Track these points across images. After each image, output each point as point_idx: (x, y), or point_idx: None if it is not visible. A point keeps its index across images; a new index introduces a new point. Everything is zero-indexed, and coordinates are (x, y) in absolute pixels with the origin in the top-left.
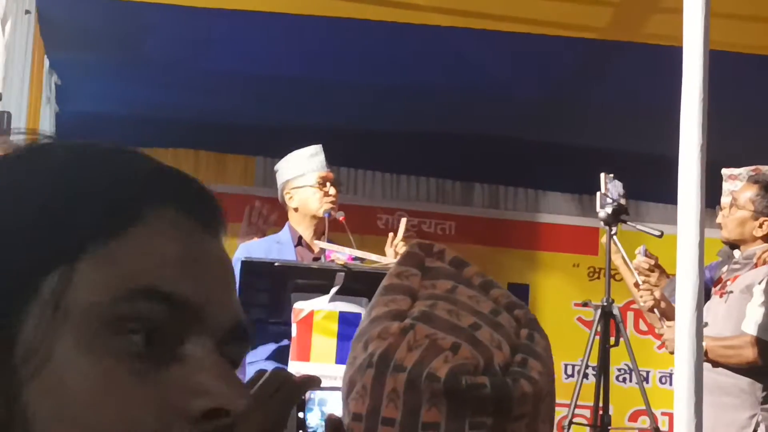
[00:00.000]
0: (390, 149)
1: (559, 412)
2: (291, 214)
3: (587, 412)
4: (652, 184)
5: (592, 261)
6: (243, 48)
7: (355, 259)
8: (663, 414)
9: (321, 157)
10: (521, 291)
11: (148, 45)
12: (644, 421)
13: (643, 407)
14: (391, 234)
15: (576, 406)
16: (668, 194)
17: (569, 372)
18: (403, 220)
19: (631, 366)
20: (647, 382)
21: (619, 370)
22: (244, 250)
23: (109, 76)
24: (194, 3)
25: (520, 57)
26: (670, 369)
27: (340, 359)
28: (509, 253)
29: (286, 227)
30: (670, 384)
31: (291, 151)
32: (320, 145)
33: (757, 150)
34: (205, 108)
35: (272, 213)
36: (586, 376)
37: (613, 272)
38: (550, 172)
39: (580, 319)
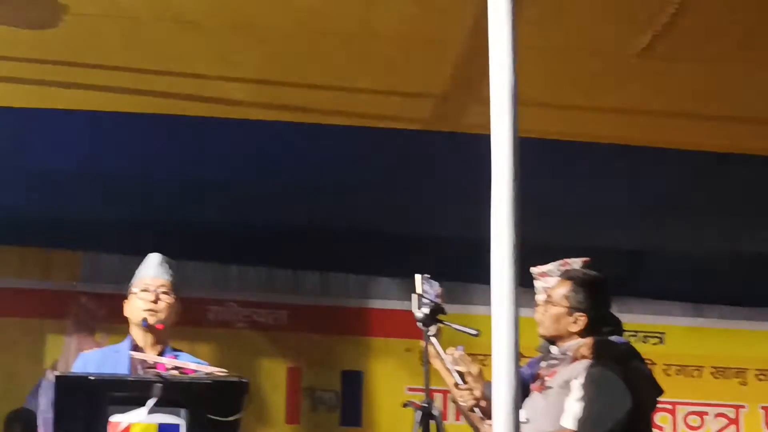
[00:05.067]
0: (217, 240)
1: None
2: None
3: None
4: (479, 267)
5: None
6: (64, 145)
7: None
8: None
9: (148, 264)
10: (355, 378)
11: None
12: None
13: None
14: None
15: None
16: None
17: None
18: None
19: None
20: None
21: None
22: (81, 361)
23: None
24: (8, 103)
25: (344, 148)
26: None
27: None
28: (342, 341)
29: (129, 336)
30: None
31: (117, 245)
32: (155, 254)
33: (568, 230)
34: (27, 205)
35: (100, 309)
36: None
37: None
38: (379, 258)
39: (414, 404)
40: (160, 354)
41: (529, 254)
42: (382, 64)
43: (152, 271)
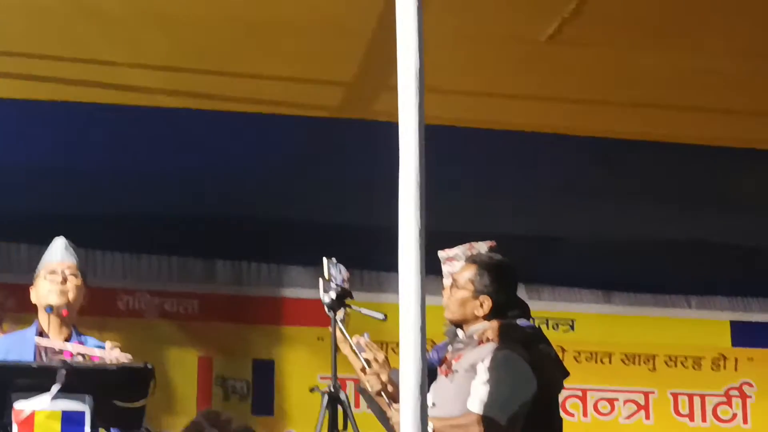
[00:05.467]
0: (128, 229)
1: None
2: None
3: None
4: (389, 255)
5: None
6: None
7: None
8: None
9: (54, 248)
10: (266, 367)
11: None
12: None
13: None
14: None
15: None
16: None
17: None
18: None
19: None
20: None
21: None
22: None
23: None
24: None
25: (253, 136)
26: None
27: None
28: (253, 330)
29: (35, 322)
30: None
31: (25, 235)
32: (61, 237)
33: (477, 216)
34: None
35: (7, 299)
36: None
37: None
38: (290, 247)
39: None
40: (67, 339)
41: (438, 241)
42: (290, 52)
43: (59, 255)
